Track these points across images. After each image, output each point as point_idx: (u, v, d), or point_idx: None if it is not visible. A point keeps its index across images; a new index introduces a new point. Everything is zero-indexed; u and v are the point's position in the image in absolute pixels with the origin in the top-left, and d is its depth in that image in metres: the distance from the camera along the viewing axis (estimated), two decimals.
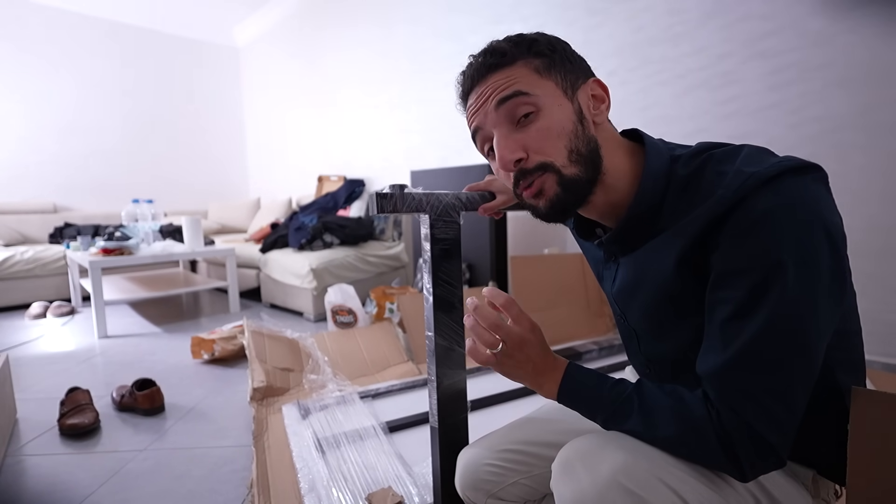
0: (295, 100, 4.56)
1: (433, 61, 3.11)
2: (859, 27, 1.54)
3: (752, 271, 0.45)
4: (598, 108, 0.56)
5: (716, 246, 0.47)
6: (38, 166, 4.17)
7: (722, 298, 0.47)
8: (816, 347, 0.46)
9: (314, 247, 2.79)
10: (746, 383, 0.45)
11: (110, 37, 4.53)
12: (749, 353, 0.45)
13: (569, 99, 0.54)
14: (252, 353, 1.67)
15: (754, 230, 0.45)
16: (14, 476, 1.18)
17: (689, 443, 0.47)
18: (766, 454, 0.45)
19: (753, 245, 0.45)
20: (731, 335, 0.46)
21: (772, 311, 0.44)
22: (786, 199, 0.44)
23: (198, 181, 5.15)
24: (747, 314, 0.45)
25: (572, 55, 0.57)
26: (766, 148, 0.51)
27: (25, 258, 3.15)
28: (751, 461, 0.45)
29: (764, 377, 0.45)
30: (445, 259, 0.78)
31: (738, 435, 0.45)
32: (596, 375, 0.55)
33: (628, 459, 0.47)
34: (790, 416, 0.45)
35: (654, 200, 0.53)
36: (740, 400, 0.45)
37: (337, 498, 0.99)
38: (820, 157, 1.64)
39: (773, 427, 0.45)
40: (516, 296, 2.00)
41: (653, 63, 2.05)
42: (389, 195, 0.73)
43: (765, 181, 0.45)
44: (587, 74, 0.57)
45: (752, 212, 0.45)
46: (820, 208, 0.45)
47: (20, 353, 2.19)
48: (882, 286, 1.56)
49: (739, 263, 0.46)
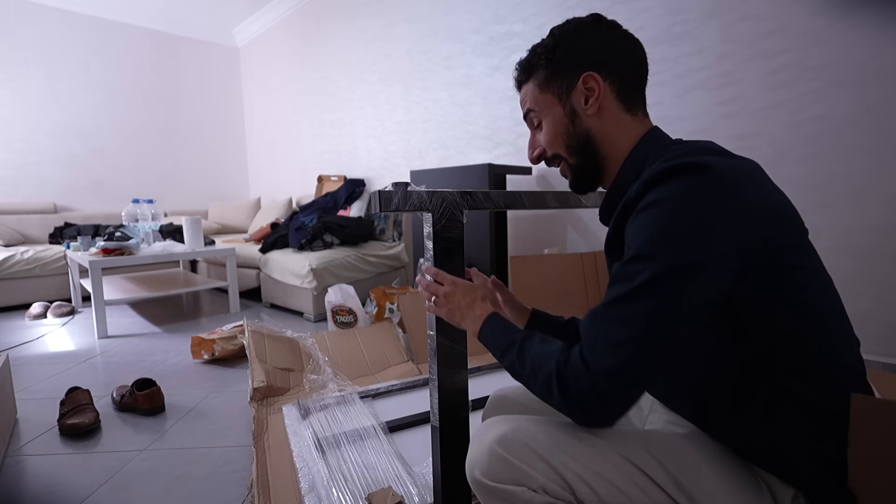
0: (295, 100, 4.56)
1: (434, 61, 3.11)
2: (860, 27, 1.54)
3: (635, 245, 0.52)
4: (590, 103, 0.65)
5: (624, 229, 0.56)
6: (38, 166, 4.17)
7: (614, 269, 0.54)
8: (673, 322, 0.49)
9: (314, 247, 2.79)
10: (599, 333, 0.51)
11: (111, 37, 4.52)
12: (610, 310, 0.51)
13: (562, 104, 0.67)
14: (252, 353, 1.67)
15: (641, 216, 0.52)
16: (14, 476, 1.18)
17: (537, 379, 0.55)
18: (592, 398, 0.50)
19: (638, 228, 0.52)
20: (607, 295, 0.53)
21: (643, 280, 0.49)
22: (666, 193, 0.51)
23: (198, 181, 5.15)
24: (623, 280, 0.51)
25: (569, 53, 0.66)
26: (709, 145, 0.58)
27: (25, 258, 3.14)
28: (580, 403, 0.50)
29: (615, 333, 0.50)
30: (448, 258, 0.78)
31: (575, 375, 0.50)
32: (507, 325, 0.65)
33: (507, 431, 0.56)
34: (625, 377, 0.49)
35: (632, 179, 0.62)
36: (589, 346, 0.51)
37: (337, 498, 0.99)
38: (820, 157, 1.64)
39: (606, 377, 0.49)
40: (516, 296, 2.00)
41: (653, 63, 2.03)
42: (392, 193, 0.72)
43: (660, 176, 0.52)
44: (582, 69, 0.65)
45: (646, 201, 0.53)
46: (696, 204, 0.50)
47: (20, 353, 2.19)
48: (882, 286, 1.55)
49: (628, 240, 0.54)
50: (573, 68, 0.65)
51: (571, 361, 0.52)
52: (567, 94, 0.66)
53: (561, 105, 0.67)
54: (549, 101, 0.68)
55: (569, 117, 0.67)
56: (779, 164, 1.73)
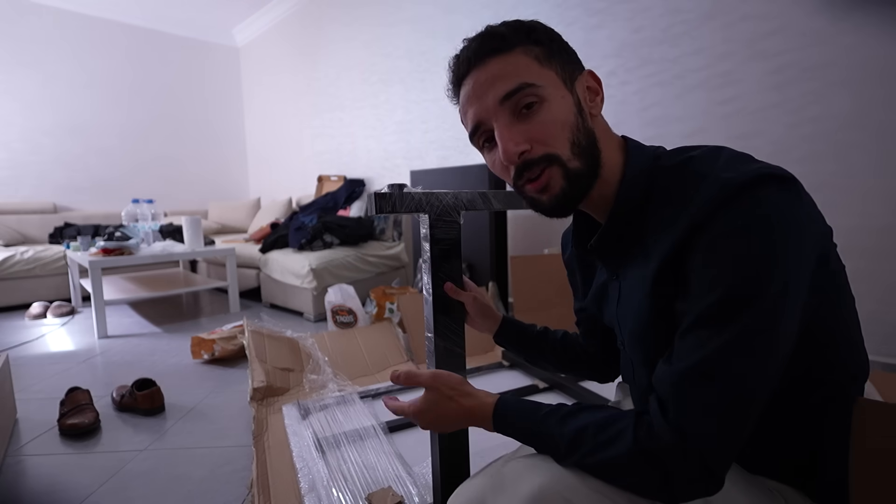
0: (295, 99, 4.56)
1: (433, 61, 3.11)
2: (860, 27, 1.54)
3: (726, 282, 0.42)
4: (594, 101, 0.55)
5: (691, 255, 0.45)
6: (38, 166, 4.17)
7: (692, 307, 0.44)
8: (776, 368, 0.43)
9: (314, 247, 2.79)
10: (699, 395, 0.42)
11: (110, 37, 4.52)
12: (709, 365, 0.42)
13: (569, 90, 0.53)
14: (252, 353, 1.67)
15: (732, 242, 0.43)
16: (14, 476, 1.18)
17: (616, 470, 0.45)
18: (703, 473, 0.42)
19: (730, 255, 0.43)
20: (695, 345, 0.43)
21: (743, 325, 0.42)
22: (765, 210, 0.43)
23: (198, 181, 5.15)
24: (715, 325, 0.43)
25: (567, 46, 0.56)
26: (746, 153, 0.50)
27: (25, 258, 3.14)
28: (684, 481, 0.42)
29: (719, 392, 0.42)
30: (445, 259, 0.78)
31: (674, 451, 0.42)
32: (526, 407, 0.54)
33: (545, 484, 0.46)
34: (736, 437, 0.43)
35: (637, 192, 0.53)
36: (692, 413, 0.42)
37: (337, 498, 0.99)
38: (820, 157, 1.64)
39: (718, 445, 0.42)
40: (516, 296, 2.01)
41: (653, 63, 2.04)
42: (388, 195, 0.72)
43: (742, 189, 0.43)
44: (581, 66, 0.57)
45: (730, 222, 0.43)
46: (800, 219, 0.44)
47: (20, 353, 2.19)
48: (882, 286, 1.55)
49: (713, 273, 0.43)
50: (572, 60, 0.55)
51: (660, 436, 0.43)
52: (572, 82, 0.54)
53: (568, 91, 0.53)
54: (553, 81, 0.52)
55: (577, 108, 0.53)
56: (778, 163, 1.71)
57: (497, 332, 0.81)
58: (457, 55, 0.57)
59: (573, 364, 0.80)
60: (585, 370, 0.80)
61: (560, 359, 0.80)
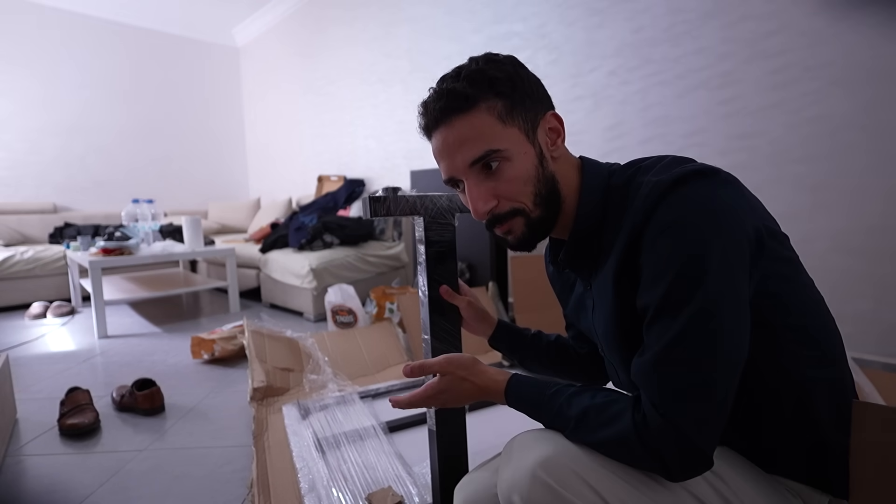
0: (295, 100, 4.56)
1: (433, 61, 3.11)
2: (860, 27, 1.54)
3: (669, 275, 0.47)
4: (555, 143, 0.59)
5: (640, 255, 0.50)
6: (38, 166, 4.17)
7: (649, 302, 0.49)
8: (736, 343, 0.46)
9: (314, 247, 2.79)
10: (669, 382, 0.46)
11: (110, 37, 4.52)
12: (672, 352, 0.46)
13: (531, 143, 0.57)
14: (252, 353, 1.67)
15: (668, 235, 0.47)
16: (14, 476, 1.18)
17: (617, 449, 0.48)
18: (692, 454, 0.45)
19: (668, 250, 0.47)
20: (657, 335, 0.47)
21: (694, 308, 0.46)
22: (690, 203, 0.47)
23: (198, 181, 5.15)
24: (668, 315, 0.47)
25: (531, 86, 0.58)
26: (687, 157, 0.54)
27: (25, 258, 3.15)
28: (676, 461, 0.46)
29: (685, 375, 0.45)
30: (441, 262, 0.78)
31: (663, 436, 0.45)
32: (536, 385, 0.57)
33: (551, 454, 0.49)
34: (713, 414, 0.45)
35: (594, 210, 0.58)
36: (664, 398, 0.46)
37: (337, 498, 0.99)
38: (820, 157, 1.64)
39: (696, 425, 0.45)
40: (516, 296, 2.01)
41: (653, 63, 2.04)
42: (382, 198, 0.73)
43: (669, 188, 0.48)
44: (545, 106, 0.59)
45: (664, 219, 0.48)
46: (723, 203, 0.48)
47: (20, 353, 2.19)
48: (881, 286, 1.55)
49: (658, 268, 0.48)
50: (535, 104, 0.58)
51: (650, 421, 0.46)
52: (534, 132, 0.57)
53: (531, 144, 0.57)
54: (516, 139, 0.56)
55: (538, 159, 0.57)
56: (778, 163, 1.73)
57: (492, 335, 0.83)
58: (425, 103, 0.60)
59: (566, 367, 0.82)
60: (578, 372, 0.81)
61: (553, 361, 0.82)
